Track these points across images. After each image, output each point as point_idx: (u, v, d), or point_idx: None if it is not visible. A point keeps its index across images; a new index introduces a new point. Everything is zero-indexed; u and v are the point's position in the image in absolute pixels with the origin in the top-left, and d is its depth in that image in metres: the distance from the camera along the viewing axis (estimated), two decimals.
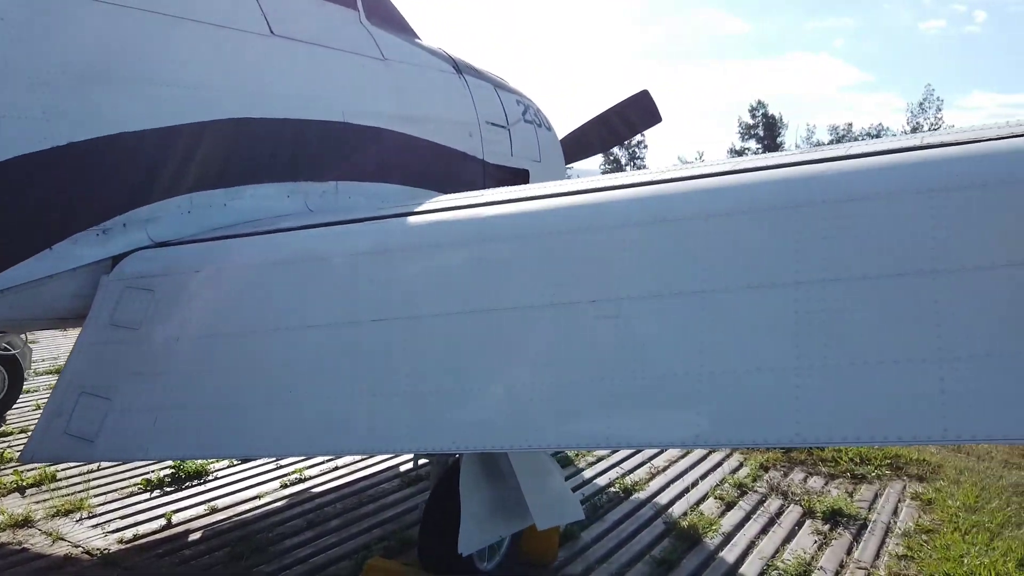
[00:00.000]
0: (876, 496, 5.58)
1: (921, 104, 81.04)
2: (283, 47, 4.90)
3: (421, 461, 5.39)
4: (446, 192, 5.06)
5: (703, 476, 5.94)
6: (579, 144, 8.22)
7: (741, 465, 6.19)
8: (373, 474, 5.83)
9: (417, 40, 6.44)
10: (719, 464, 6.20)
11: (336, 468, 5.95)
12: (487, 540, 3.78)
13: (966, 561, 4.39)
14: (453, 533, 3.59)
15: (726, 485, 5.72)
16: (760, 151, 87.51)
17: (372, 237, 3.46)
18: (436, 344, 2.89)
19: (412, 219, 3.41)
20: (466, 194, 4.04)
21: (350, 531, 4.79)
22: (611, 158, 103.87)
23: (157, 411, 3.21)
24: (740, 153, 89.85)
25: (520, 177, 7.03)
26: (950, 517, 5.08)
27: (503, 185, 5.33)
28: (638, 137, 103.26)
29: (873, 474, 5.99)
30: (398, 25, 6.26)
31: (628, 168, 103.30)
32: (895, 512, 5.29)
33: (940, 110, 79.71)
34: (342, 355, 3.08)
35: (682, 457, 6.40)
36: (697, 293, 2.42)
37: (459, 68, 6.63)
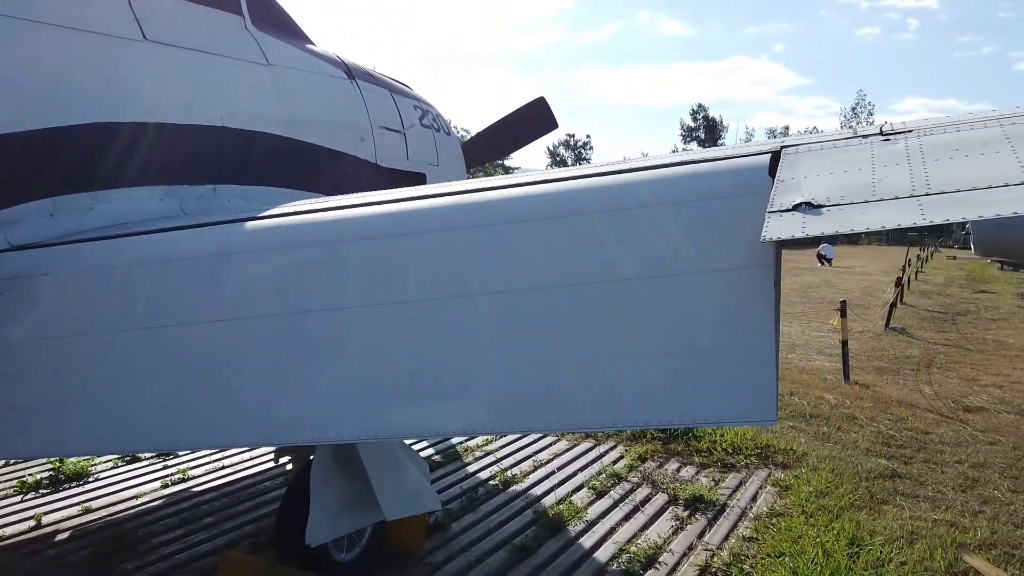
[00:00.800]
0: (741, 484, 5.92)
1: (854, 109, 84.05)
2: (156, 52, 4.96)
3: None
4: (335, 195, 5.20)
5: (583, 468, 6.21)
6: (480, 149, 8.44)
7: (621, 457, 6.48)
8: (257, 473, 5.93)
9: (308, 46, 6.55)
10: (600, 456, 6.48)
11: (222, 468, 6.03)
12: (338, 532, 3.93)
13: (802, 541, 4.73)
14: (305, 525, 3.75)
15: (602, 476, 6.00)
16: None
17: (215, 240, 3.59)
18: (260, 344, 3.04)
19: (255, 223, 3.56)
20: (320, 199, 4.20)
21: (222, 528, 4.89)
22: (558, 158, 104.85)
23: (7, 411, 3.31)
24: None
25: (417, 180, 7.19)
26: (801, 502, 5.44)
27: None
28: (584, 138, 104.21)
29: (742, 463, 6.34)
30: (287, 31, 6.36)
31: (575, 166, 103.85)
32: (754, 498, 5.63)
33: (872, 115, 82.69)
34: (178, 355, 3.21)
35: (568, 450, 6.66)
36: (488, 295, 2.63)
37: (352, 73, 6.77)
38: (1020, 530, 5.05)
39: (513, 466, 6.19)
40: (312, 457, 3.97)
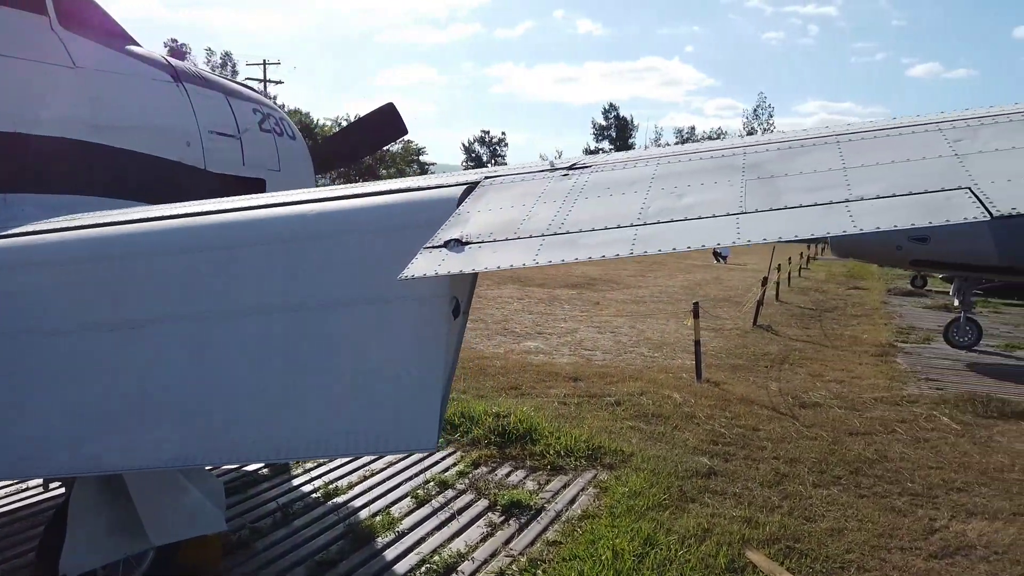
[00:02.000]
0: (565, 486, 6.07)
1: (755, 110, 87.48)
2: None
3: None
4: (154, 203, 5.02)
5: (413, 476, 6.23)
6: (329, 154, 8.34)
7: (456, 463, 6.54)
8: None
9: (128, 47, 6.31)
10: (433, 464, 6.52)
11: (27, 489, 5.76)
12: (100, 561, 3.81)
13: (599, 543, 4.89)
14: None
15: (430, 484, 6.03)
16: (613, 151, 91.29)
17: None
18: None
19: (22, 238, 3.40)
20: (99, 213, 4.05)
21: (4, 555, 4.66)
22: (473, 155, 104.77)
23: None
24: (594, 153, 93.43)
25: (255, 187, 7.04)
26: (613, 503, 5.62)
27: (232, 195, 5.36)
28: (499, 135, 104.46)
29: (572, 465, 6.51)
30: (103, 31, 6.10)
31: (490, 165, 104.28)
32: (573, 501, 5.79)
33: (772, 116, 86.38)
34: None
35: (405, 457, 6.67)
36: (182, 321, 2.59)
37: (178, 76, 6.56)
38: (809, 524, 5.37)
39: (341, 477, 6.15)
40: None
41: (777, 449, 7.03)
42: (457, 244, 2.20)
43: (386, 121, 8.11)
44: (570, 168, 2.72)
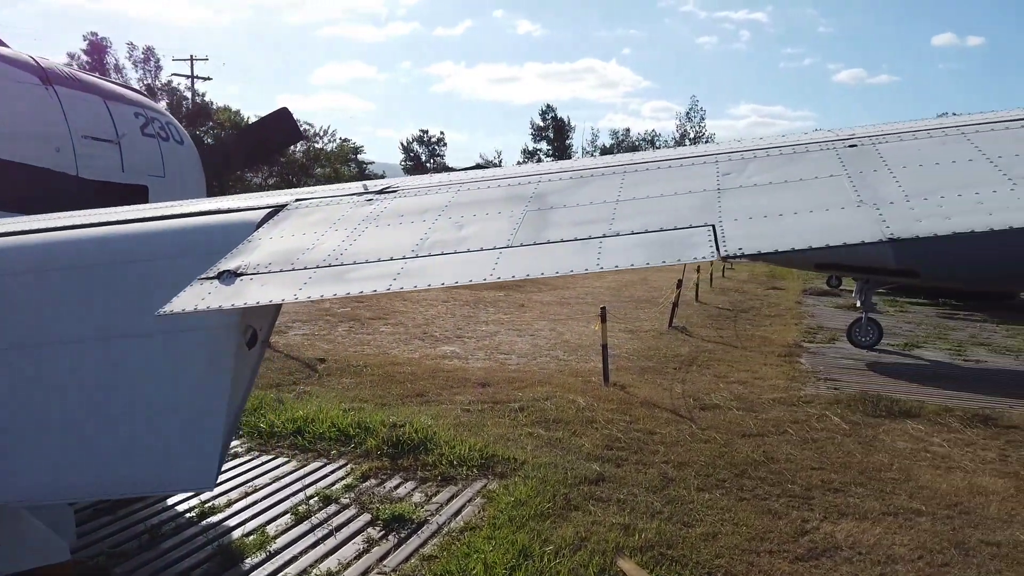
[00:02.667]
0: (452, 497, 6.03)
1: (687, 113, 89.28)
2: None
3: None
4: (19, 212, 4.76)
5: (297, 492, 6.09)
6: (222, 159, 8.11)
7: (346, 476, 6.43)
8: None
9: None
10: (322, 478, 6.39)
11: None
12: None
13: (473, 556, 4.86)
14: None
15: (314, 499, 5.91)
16: (551, 152, 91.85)
17: None
18: None
19: None
20: None
21: None
22: (412, 154, 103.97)
23: None
24: (532, 154, 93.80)
25: (136, 193, 6.79)
26: (497, 514, 5.61)
27: (110, 201, 5.12)
28: (437, 134, 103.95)
29: (464, 475, 6.47)
30: None
31: (428, 164, 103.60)
32: (458, 512, 5.75)
33: (703, 120, 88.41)
34: None
35: (293, 472, 6.52)
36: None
37: (47, 78, 6.26)
38: (686, 529, 5.46)
39: (220, 495, 5.97)
40: None
41: (669, 453, 7.15)
42: (230, 276, 2.12)
43: (281, 126, 7.92)
44: (379, 192, 2.67)
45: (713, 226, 1.95)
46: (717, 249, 1.84)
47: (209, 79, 60.81)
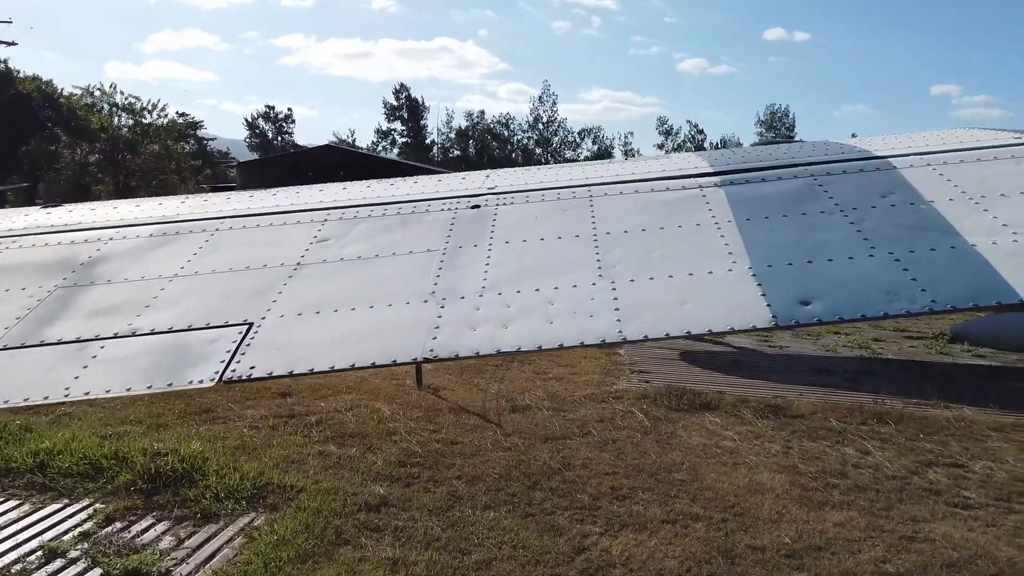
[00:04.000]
0: (210, 539, 5.40)
1: (540, 97, 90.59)
2: None
3: None
4: None
5: (18, 545, 5.22)
6: None
7: (85, 521, 5.61)
8: None
9: None
10: (54, 525, 5.54)
11: None
12: None
13: None
14: None
15: (35, 555, 5.08)
16: (405, 132, 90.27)
17: None
18: None
19: None
20: None
21: None
22: (257, 131, 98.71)
23: None
24: (386, 134, 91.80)
25: None
26: (253, 557, 5.05)
27: None
28: (285, 110, 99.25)
29: (229, 510, 5.84)
30: None
31: (276, 142, 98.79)
32: (212, 556, 5.14)
33: (556, 104, 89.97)
34: None
35: (24, 517, 5.62)
36: None
37: None
38: (461, 558, 5.16)
39: None
40: None
41: (465, 466, 6.85)
42: None
43: (17, 113, 6.78)
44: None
45: (250, 324, 1.58)
46: (224, 370, 1.48)
47: (14, 44, 54.24)
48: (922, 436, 7.88)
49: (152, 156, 60.01)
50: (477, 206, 2.26)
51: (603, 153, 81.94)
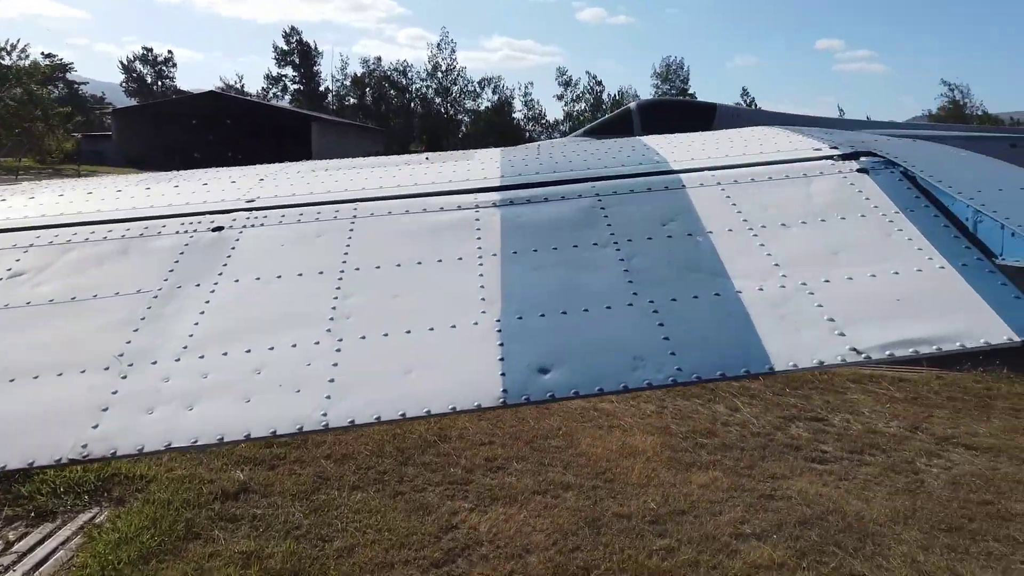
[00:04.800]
0: (44, 540, 4.95)
1: (439, 44, 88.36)
2: None
3: None
4: None
5: None
6: None
7: None
8: None
9: None
10: None
11: None
12: None
13: None
14: None
15: None
16: (297, 79, 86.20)
17: None
18: None
19: None
20: None
21: None
22: (134, 75, 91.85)
23: None
24: (277, 80, 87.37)
25: None
26: (90, 558, 4.66)
27: None
28: (165, 53, 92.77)
29: (68, 505, 5.38)
30: None
31: (156, 87, 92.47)
32: (45, 560, 4.71)
33: (455, 52, 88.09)
34: None
35: None
36: None
37: None
38: (322, 546, 4.95)
39: None
40: None
41: (336, 443, 6.59)
42: None
43: None
44: None
45: None
46: None
47: None
48: (788, 391, 8.21)
49: (13, 102, 54.80)
50: (220, 228, 1.95)
51: (504, 103, 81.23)
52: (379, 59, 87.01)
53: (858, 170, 2.12)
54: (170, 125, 64.08)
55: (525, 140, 66.57)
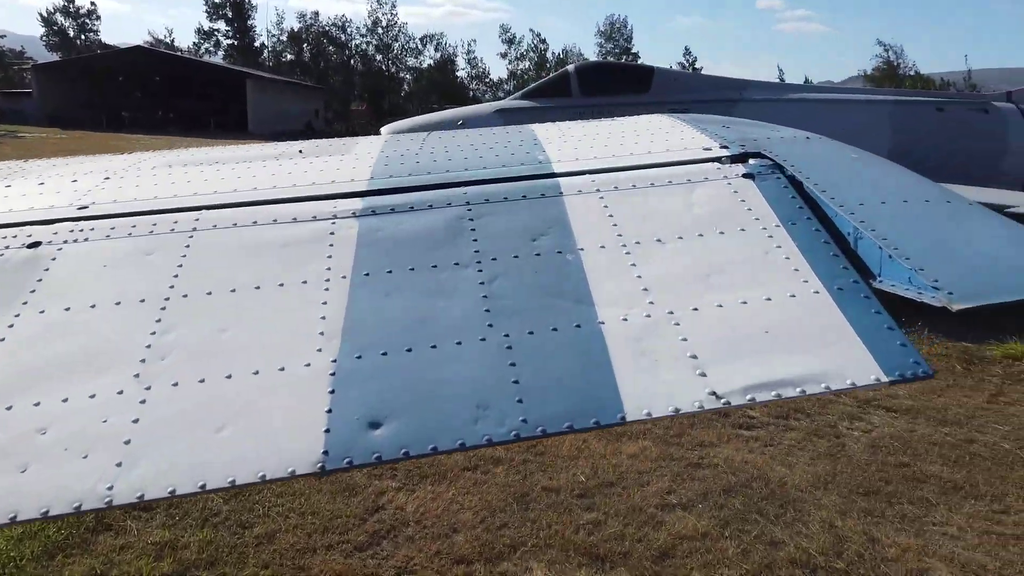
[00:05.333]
0: None
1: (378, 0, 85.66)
2: None
3: None
4: None
5: None
6: None
7: None
8: None
9: None
10: None
11: None
12: None
13: None
14: None
15: None
16: (230, 33, 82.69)
17: None
18: None
19: None
20: None
21: None
22: (55, 27, 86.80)
23: None
24: (210, 35, 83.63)
25: None
26: None
27: None
28: (88, 5, 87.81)
29: None
30: None
31: (79, 41, 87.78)
32: None
33: (395, 6, 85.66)
34: None
35: None
36: None
37: None
38: (241, 533, 4.80)
39: None
40: None
41: None
42: None
43: None
44: None
45: None
46: None
47: None
48: None
49: None
50: (37, 243, 1.71)
51: (447, 61, 79.69)
52: (316, 14, 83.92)
53: (744, 175, 2.00)
54: (95, 81, 60.94)
55: (469, 100, 65.58)
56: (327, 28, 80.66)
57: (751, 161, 2.09)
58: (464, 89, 76.74)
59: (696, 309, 1.58)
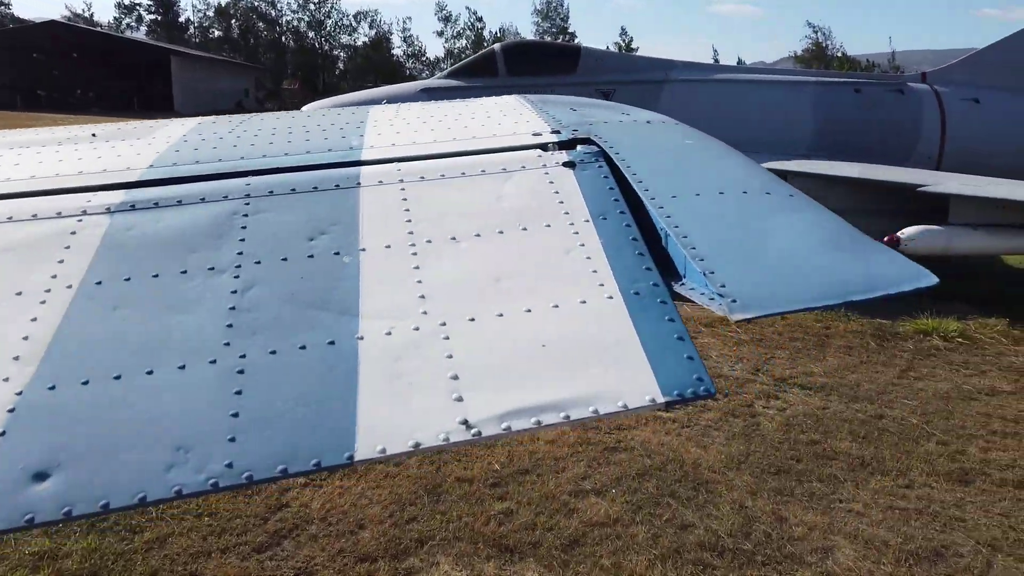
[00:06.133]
0: None
1: None
2: None
3: None
4: None
5: None
6: None
7: None
8: None
9: None
10: None
11: None
12: None
13: None
14: None
15: None
16: (153, 8, 79.19)
17: None
18: None
19: None
20: None
21: None
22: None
23: None
24: (131, 9, 79.90)
25: None
26: None
27: None
28: None
29: None
30: None
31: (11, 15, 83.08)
32: None
33: None
34: None
35: None
36: None
37: None
38: (133, 538, 4.52)
39: None
40: None
41: None
42: None
43: None
44: None
45: None
46: None
47: None
48: None
49: None
50: None
51: (382, 39, 78.16)
52: None
53: (565, 163, 1.84)
54: (7, 58, 57.59)
55: (405, 78, 64.41)
56: (256, 3, 78.06)
57: (578, 148, 1.93)
58: (401, 68, 75.42)
59: (473, 320, 1.41)
